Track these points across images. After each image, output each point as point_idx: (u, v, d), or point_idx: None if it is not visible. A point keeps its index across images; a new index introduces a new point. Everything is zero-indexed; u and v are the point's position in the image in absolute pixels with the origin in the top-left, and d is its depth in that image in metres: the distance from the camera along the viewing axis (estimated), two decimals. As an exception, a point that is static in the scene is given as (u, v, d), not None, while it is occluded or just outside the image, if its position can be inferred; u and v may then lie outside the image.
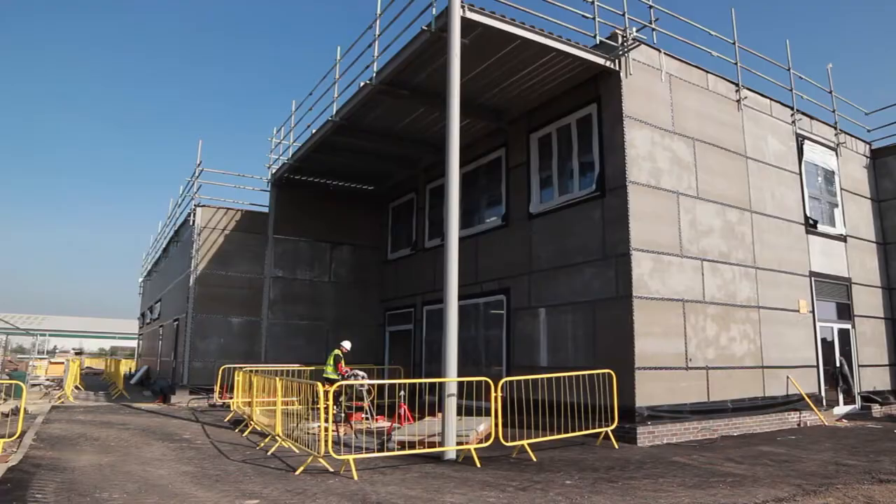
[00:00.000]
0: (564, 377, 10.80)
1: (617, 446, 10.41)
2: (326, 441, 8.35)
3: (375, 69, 13.00)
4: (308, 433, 9.89)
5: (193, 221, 19.59)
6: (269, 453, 9.70)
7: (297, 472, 8.23)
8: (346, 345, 14.08)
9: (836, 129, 17.33)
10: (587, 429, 10.52)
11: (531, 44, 11.24)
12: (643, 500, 6.90)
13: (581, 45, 11.69)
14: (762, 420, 12.95)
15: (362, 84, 13.39)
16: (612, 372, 10.66)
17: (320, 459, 8.52)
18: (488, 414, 9.86)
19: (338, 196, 20.35)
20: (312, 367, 15.49)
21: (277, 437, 9.98)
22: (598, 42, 11.89)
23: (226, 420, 14.01)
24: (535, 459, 9.26)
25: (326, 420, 8.53)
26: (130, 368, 35.76)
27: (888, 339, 17.34)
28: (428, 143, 16.20)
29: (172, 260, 25.14)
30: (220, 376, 16.61)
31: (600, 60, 11.85)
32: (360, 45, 13.86)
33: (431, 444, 9.58)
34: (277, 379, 10.17)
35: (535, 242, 13.70)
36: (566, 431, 10.30)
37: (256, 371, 12.68)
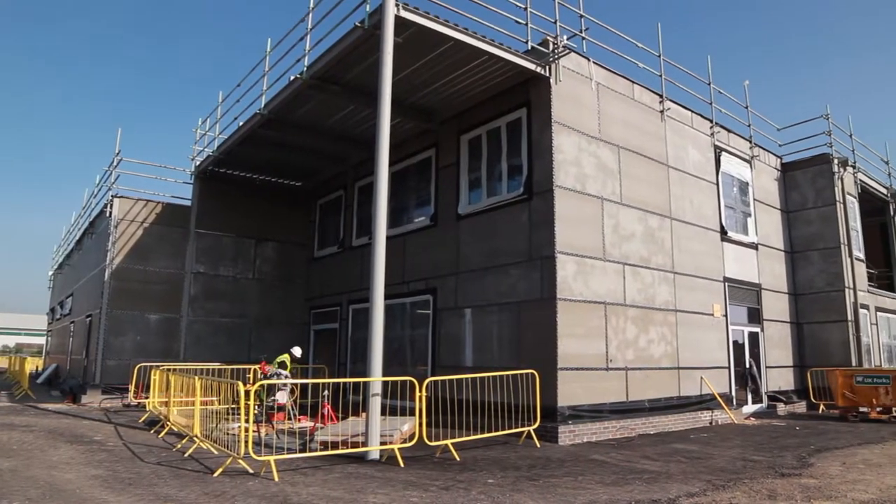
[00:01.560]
0: (489, 377, 10.91)
1: (539, 445, 10.59)
2: (247, 442, 8.13)
3: (306, 63, 12.76)
4: (228, 434, 9.61)
5: (110, 213, 18.74)
6: (186, 455, 9.37)
7: (216, 474, 7.98)
8: (297, 351, 13.84)
9: (751, 142, 18.21)
10: (510, 428, 10.67)
11: (464, 46, 11.29)
12: (563, 497, 7.04)
13: (513, 49, 11.83)
14: (677, 419, 13.46)
15: (292, 78, 13.12)
16: (535, 372, 10.85)
17: (240, 461, 8.30)
18: (413, 414, 9.85)
19: (264, 191, 19.87)
20: (234, 366, 15.07)
21: (195, 439, 9.65)
22: (529, 48, 12.06)
23: (140, 421, 13.45)
24: (458, 459, 9.30)
25: (247, 420, 8.31)
26: (37, 367, 33.91)
27: (793, 342, 18.35)
28: (358, 141, 16.04)
29: (87, 253, 23.95)
30: (135, 375, 15.94)
31: (531, 66, 12.03)
32: (292, 37, 13.59)
33: (355, 445, 9.48)
34: (197, 378, 9.84)
35: (462, 243, 13.78)
36: (490, 431, 10.39)
37: (174, 370, 12.24)
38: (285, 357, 13.47)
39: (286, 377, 13.13)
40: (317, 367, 18.17)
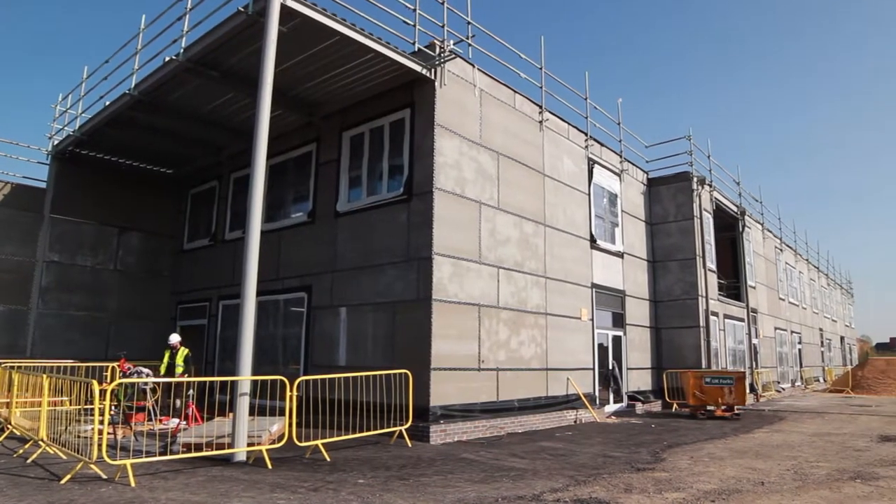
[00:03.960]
0: (362, 377, 10.83)
1: (410, 445, 10.64)
2: (100, 445, 7.56)
3: (184, 45, 12.04)
4: (80, 437, 8.91)
5: (-53, 192, 16.92)
6: (29, 461, 8.57)
7: (63, 481, 7.36)
8: (173, 338, 13.14)
9: (621, 157, 19.25)
10: (383, 428, 10.64)
11: (351, 42, 11.13)
12: (432, 495, 7.09)
13: (400, 50, 11.81)
14: (544, 418, 13.97)
15: (167, 59, 12.35)
16: (408, 372, 10.89)
17: (92, 466, 7.69)
18: (284, 414, 9.59)
19: (131, 177, 18.60)
20: (89, 364, 14.02)
21: (41, 442, 8.86)
22: (416, 49, 12.10)
23: (-27, 424, 12.21)
24: (328, 459, 9.16)
25: (101, 422, 7.74)
26: None
27: (651, 345, 19.59)
28: (236, 130, 15.41)
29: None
30: (-30, 373, 14.45)
31: (417, 67, 12.07)
32: (169, 16, 12.81)
33: (221, 446, 9.10)
34: (45, 376, 9.05)
35: (340, 241, 13.60)
36: (362, 430, 10.32)
37: (19, 367, 11.20)
38: (188, 352, 13.04)
39: (147, 374, 12.42)
40: (191, 369, 17.26)
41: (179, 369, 12.97)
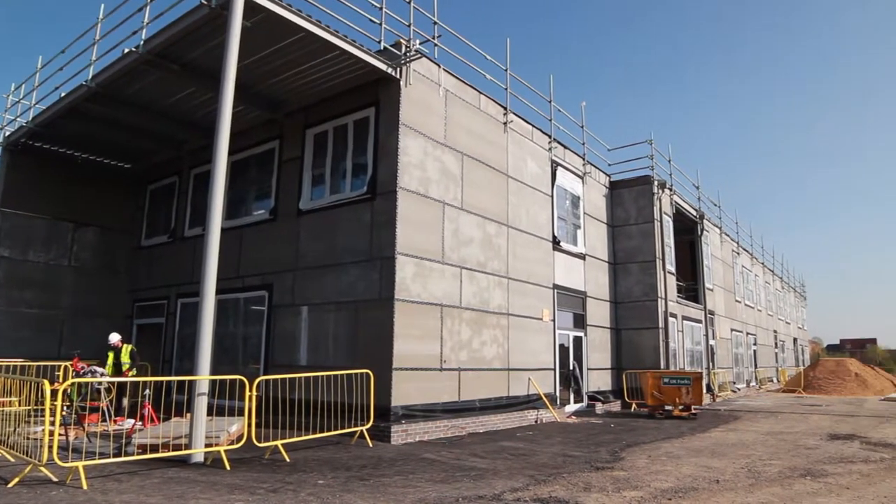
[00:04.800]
0: (323, 376, 10.76)
1: (371, 445, 10.59)
2: (51, 447, 7.34)
3: (144, 37, 11.74)
4: (29, 438, 8.66)
5: None
6: (-28, 464, 8.32)
7: (11, 485, 7.11)
8: (113, 337, 12.83)
9: (584, 159, 19.47)
10: (344, 428, 10.58)
11: (316, 38, 11.02)
12: (393, 496, 7.07)
13: (366, 48, 11.74)
14: (506, 418, 14.05)
15: (127, 50, 12.06)
16: (370, 372, 10.84)
17: (42, 468, 7.47)
18: (243, 414, 9.46)
19: (87, 171, 18.12)
20: (41, 363, 13.64)
21: (-14, 445, 8.59)
22: (382, 48, 12.04)
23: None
24: (288, 460, 9.07)
25: (52, 423, 7.52)
26: None
27: (611, 346, 19.86)
28: (197, 125, 15.13)
29: None
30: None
31: (383, 66, 12.02)
32: (129, 6, 12.57)
33: (178, 447, 8.94)
34: (-9, 375, 8.78)
35: (302, 239, 13.47)
36: (323, 431, 10.25)
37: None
38: (133, 347, 12.72)
39: (101, 374, 12.14)
40: (139, 364, 16.90)
41: (126, 366, 12.68)
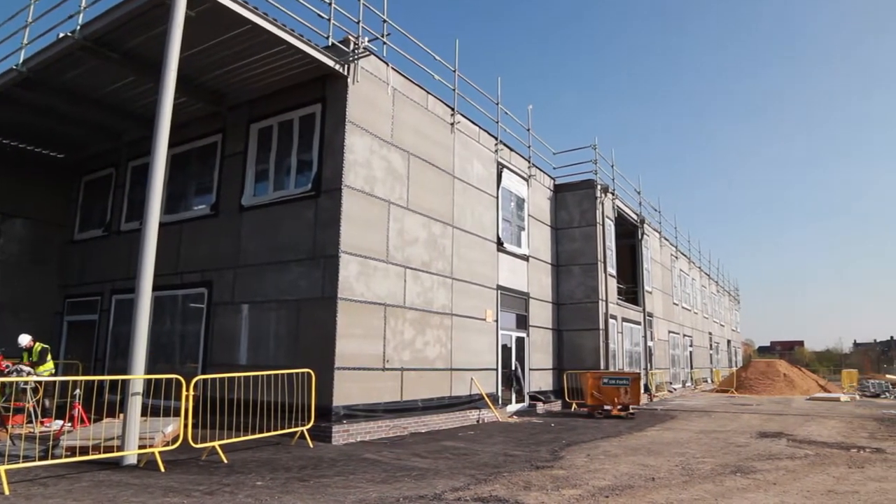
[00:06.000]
0: (263, 376, 10.59)
1: (312, 445, 10.47)
2: (-32, 450, 7.01)
3: (81, 21, 11.28)
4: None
5: None
6: None
7: (-79, 490, 6.79)
8: (23, 339, 12.26)
9: (529, 162, 19.69)
10: (285, 428, 10.43)
11: (262, 31, 10.82)
12: (333, 496, 7.01)
13: (313, 43, 11.59)
14: (448, 417, 14.09)
15: (62, 35, 11.54)
16: (311, 371, 10.73)
17: (-41, 473, 7.14)
18: (180, 414, 9.22)
19: (16, 159, 17.27)
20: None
21: None
22: (330, 44, 11.93)
23: None
24: (226, 461, 8.89)
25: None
26: None
27: (553, 346, 20.15)
28: (136, 116, 14.65)
29: None
30: None
31: (330, 62, 11.89)
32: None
33: (109, 449, 8.65)
34: None
35: (244, 236, 13.20)
36: (263, 431, 10.09)
37: None
38: (43, 346, 12.16)
39: (28, 373, 11.64)
40: (69, 362, 16.31)
41: (41, 367, 12.18)
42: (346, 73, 12.18)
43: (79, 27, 11.29)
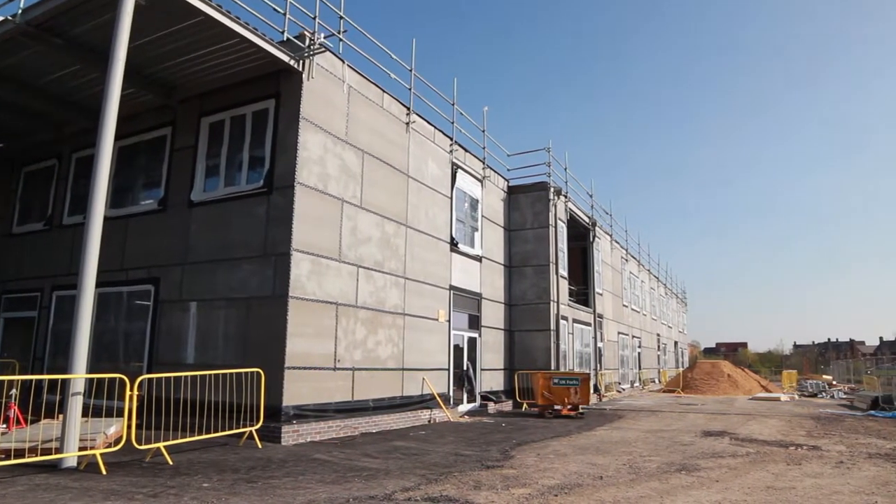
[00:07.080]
0: (211, 375, 10.38)
1: (261, 446, 10.31)
2: None
3: (23, 5, 10.85)
4: None
5: None
6: None
7: None
8: None
9: (483, 163, 19.80)
10: (233, 429, 10.24)
11: (215, 23, 10.60)
12: (281, 498, 6.91)
13: (268, 38, 11.41)
14: (399, 417, 14.05)
15: (1, 19, 11.12)
16: (261, 371, 10.57)
17: None
18: (123, 415, 8.95)
19: (-49, 149, 16.65)
20: None
21: None
22: (285, 39, 11.76)
23: None
24: (171, 463, 8.68)
25: None
26: None
27: (505, 347, 20.30)
28: (81, 106, 14.19)
29: None
30: None
31: (285, 58, 11.73)
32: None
33: (47, 451, 8.34)
34: None
35: (193, 232, 12.92)
36: (210, 432, 9.87)
37: None
38: None
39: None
40: (5, 361, 15.68)
41: None
42: (300, 69, 12.04)
43: (20, 11, 10.88)
